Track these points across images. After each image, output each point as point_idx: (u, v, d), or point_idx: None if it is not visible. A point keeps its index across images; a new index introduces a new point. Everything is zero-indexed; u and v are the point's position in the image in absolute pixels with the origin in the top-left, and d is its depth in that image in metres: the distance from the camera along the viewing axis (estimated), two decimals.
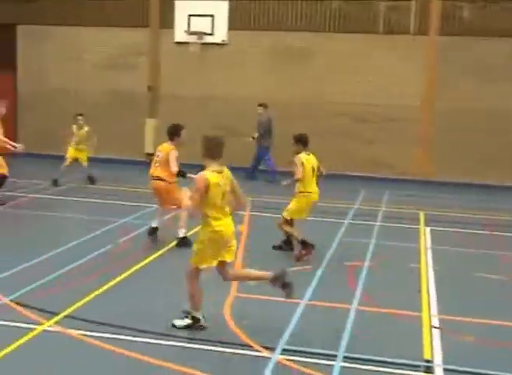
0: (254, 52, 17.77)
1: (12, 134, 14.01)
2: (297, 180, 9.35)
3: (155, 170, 9.71)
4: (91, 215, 11.49)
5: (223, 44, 17.92)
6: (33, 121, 18.65)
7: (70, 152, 14.73)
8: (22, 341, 5.95)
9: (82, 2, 18.29)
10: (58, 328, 6.28)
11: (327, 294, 7.63)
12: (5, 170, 11.91)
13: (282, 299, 6.68)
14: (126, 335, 6.17)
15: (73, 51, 18.47)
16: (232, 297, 7.40)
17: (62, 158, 14.70)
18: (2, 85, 18.34)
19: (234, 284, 7.70)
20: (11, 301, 6.95)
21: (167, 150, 9.58)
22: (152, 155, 10.89)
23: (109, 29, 18.23)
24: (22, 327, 6.25)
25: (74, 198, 13.07)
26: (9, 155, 12.54)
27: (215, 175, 6.22)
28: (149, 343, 6.05)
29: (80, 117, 14.66)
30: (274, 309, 7.07)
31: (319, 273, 8.55)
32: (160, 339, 6.14)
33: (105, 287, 7.53)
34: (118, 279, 7.87)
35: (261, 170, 16.63)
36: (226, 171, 6.40)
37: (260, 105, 16.55)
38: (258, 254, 9.13)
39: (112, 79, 18.31)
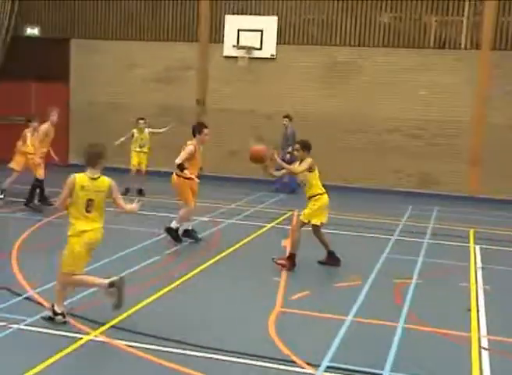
0: (302, 67, 17.79)
1: (64, 145, 14.34)
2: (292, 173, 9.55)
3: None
4: (140, 226, 11.60)
5: (271, 59, 17.99)
6: (85, 132, 18.97)
7: (133, 159, 14.95)
8: (68, 349, 6.01)
9: (133, 17, 18.62)
10: (104, 338, 6.34)
11: (373, 311, 7.52)
12: (41, 172, 12.14)
13: (329, 315, 6.61)
14: (170, 347, 6.18)
15: (124, 65, 18.80)
16: (277, 312, 7.36)
17: (111, 169, 14.86)
18: (56, 96, 18.82)
19: (279, 300, 7.66)
20: None
21: (186, 145, 9.98)
22: (200, 168, 11.01)
23: (159, 43, 18.52)
24: (69, 336, 6.32)
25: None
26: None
27: (86, 179, 6.58)
28: (193, 355, 6.05)
29: (141, 121, 14.87)
30: (319, 325, 7.00)
31: (366, 289, 8.44)
32: (204, 352, 6.13)
33: (151, 299, 7.57)
34: (164, 290, 7.91)
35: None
36: (103, 180, 6.68)
37: (285, 116, 16.56)
38: (303, 269, 9.08)
39: (162, 92, 18.55)
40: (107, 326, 6.61)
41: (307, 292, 8.12)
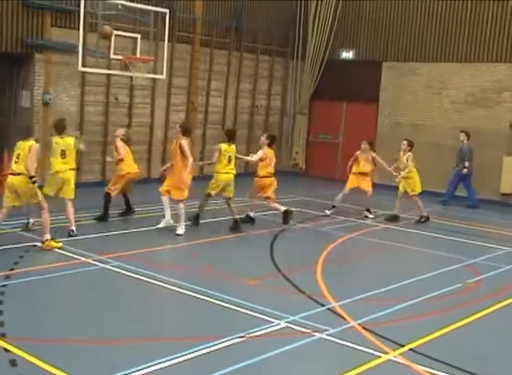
0: None
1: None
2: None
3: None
4: (436, 250, 11.36)
5: None
6: (388, 153, 19.15)
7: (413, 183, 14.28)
8: (366, 366, 6.10)
9: (448, 39, 18.33)
10: (402, 360, 6.29)
11: None
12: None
13: None
14: None
15: (433, 87, 18.59)
16: None
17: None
18: (365, 116, 19.45)
19: None
20: (358, 324, 7.19)
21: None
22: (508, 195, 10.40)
23: (471, 65, 17.94)
24: (366, 352, 6.41)
25: (415, 230, 13.06)
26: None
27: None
28: None
29: (404, 142, 14.18)
30: None
31: None
32: None
33: (453, 326, 7.33)
34: (463, 321, 7.60)
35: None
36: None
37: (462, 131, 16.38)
38: None
39: (470, 115, 17.93)
40: (406, 348, 6.56)
41: None
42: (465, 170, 16.17)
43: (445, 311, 7.92)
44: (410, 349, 6.55)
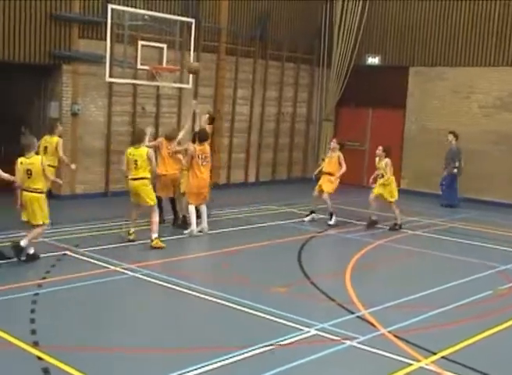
0: None
1: (396, 169, 14.42)
2: None
3: None
4: (466, 256, 11.23)
5: None
6: (416, 157, 19.04)
7: None
8: (398, 374, 6.04)
9: (474, 43, 18.17)
10: (434, 367, 6.23)
11: None
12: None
13: None
14: None
15: (461, 91, 18.42)
16: None
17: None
18: (391, 122, 19.38)
19: None
20: (389, 332, 7.13)
21: None
22: None
23: (498, 69, 17.74)
24: (397, 360, 6.35)
25: (443, 237, 12.91)
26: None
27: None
28: None
29: (379, 148, 13.79)
30: None
31: None
32: None
33: (483, 335, 7.23)
34: (495, 328, 7.49)
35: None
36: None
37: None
38: None
39: (499, 119, 17.75)
40: (438, 355, 6.49)
41: None
42: (455, 170, 16.41)
43: (477, 318, 7.82)
44: (442, 357, 6.48)
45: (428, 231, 13.38)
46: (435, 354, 6.51)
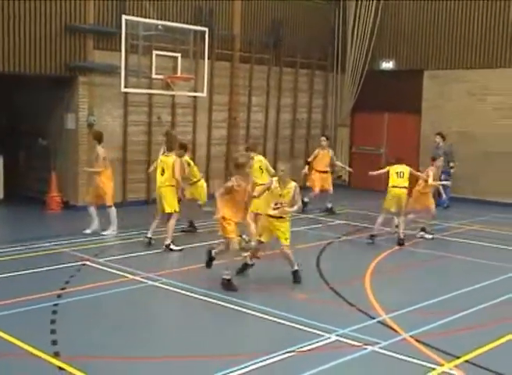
0: None
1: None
2: None
3: None
4: (487, 259, 11.12)
5: None
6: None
7: None
8: None
9: (489, 46, 18.05)
10: (457, 372, 6.15)
11: None
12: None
13: None
14: None
15: (476, 93, 18.29)
16: None
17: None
18: (407, 126, 19.34)
19: None
20: (410, 337, 7.07)
21: None
22: None
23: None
24: (420, 365, 6.29)
25: (464, 240, 12.80)
26: None
27: None
28: None
29: None
30: None
31: None
32: None
33: (506, 338, 7.13)
34: None
35: None
36: None
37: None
38: None
39: None
40: (461, 359, 6.42)
41: None
42: (452, 170, 16.40)
43: (499, 321, 7.73)
44: (466, 361, 6.40)
45: (446, 235, 13.28)
46: (458, 358, 6.44)
